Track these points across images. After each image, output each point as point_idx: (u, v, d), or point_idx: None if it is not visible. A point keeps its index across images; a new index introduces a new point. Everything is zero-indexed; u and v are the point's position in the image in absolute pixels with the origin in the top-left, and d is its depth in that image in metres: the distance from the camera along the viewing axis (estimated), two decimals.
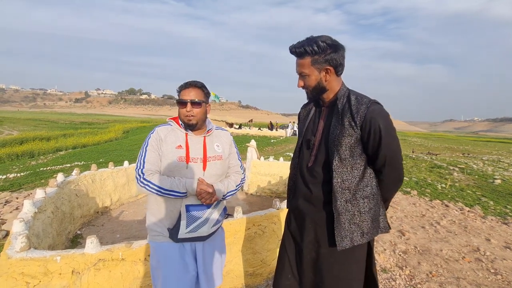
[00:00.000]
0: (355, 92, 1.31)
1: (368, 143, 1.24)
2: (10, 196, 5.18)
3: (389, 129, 1.22)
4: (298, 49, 1.25)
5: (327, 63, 1.24)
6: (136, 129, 29.66)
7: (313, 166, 1.34)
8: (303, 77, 1.29)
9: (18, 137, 19.35)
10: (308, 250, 1.36)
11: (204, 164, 1.44)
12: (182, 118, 1.43)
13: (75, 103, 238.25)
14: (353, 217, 1.25)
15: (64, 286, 1.73)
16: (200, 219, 1.40)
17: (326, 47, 1.22)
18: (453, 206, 4.85)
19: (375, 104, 1.23)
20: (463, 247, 3.26)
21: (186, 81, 1.47)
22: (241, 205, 4.82)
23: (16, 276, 1.70)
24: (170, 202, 1.40)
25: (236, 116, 47.08)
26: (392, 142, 1.23)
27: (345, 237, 1.24)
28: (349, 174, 1.25)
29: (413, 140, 29.83)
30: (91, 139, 18.91)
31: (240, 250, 2.34)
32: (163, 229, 1.42)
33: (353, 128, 1.22)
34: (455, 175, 7.63)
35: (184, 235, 1.38)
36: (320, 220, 1.32)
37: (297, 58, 1.28)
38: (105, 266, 1.82)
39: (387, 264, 2.84)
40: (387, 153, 1.23)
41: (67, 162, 10.32)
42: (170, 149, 1.41)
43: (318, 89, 1.30)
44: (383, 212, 1.35)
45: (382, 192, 1.33)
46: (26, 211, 2.37)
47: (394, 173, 1.29)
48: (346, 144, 1.23)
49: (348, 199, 1.25)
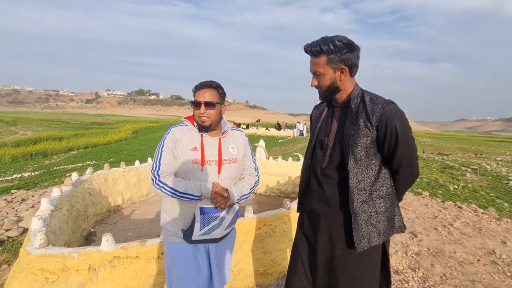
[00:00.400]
0: (369, 92, 1.29)
1: (384, 143, 1.22)
2: (26, 194, 5.33)
3: (406, 129, 1.21)
4: (314, 47, 1.23)
5: (343, 62, 1.24)
6: (145, 129, 30.09)
7: (328, 167, 1.33)
8: (317, 76, 1.28)
9: (32, 137, 19.90)
10: (322, 251, 1.35)
11: (219, 167, 1.42)
12: (196, 119, 1.42)
13: (86, 104, 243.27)
14: (370, 218, 1.24)
15: (81, 282, 1.77)
16: (214, 221, 1.40)
17: (342, 46, 1.21)
18: (466, 208, 4.74)
19: (391, 104, 1.22)
20: (478, 250, 3.18)
21: (202, 81, 1.44)
22: (250, 204, 4.84)
23: (36, 271, 1.75)
24: (184, 204, 1.40)
25: (243, 116, 47.16)
26: (409, 142, 1.22)
27: (363, 238, 1.24)
28: (365, 175, 1.25)
29: (424, 140, 29.26)
30: (101, 139, 19.29)
31: (251, 250, 2.35)
32: (177, 229, 1.42)
33: (369, 128, 1.21)
34: (468, 176, 7.45)
35: (197, 237, 1.38)
36: (335, 221, 1.32)
37: (312, 57, 1.27)
38: (120, 264, 1.86)
39: (399, 266, 2.80)
40: (404, 153, 1.22)
41: (79, 161, 10.56)
42: (185, 151, 1.40)
43: (332, 88, 1.29)
44: (398, 212, 1.34)
45: (396, 189, 1.33)
46: (44, 209, 2.44)
47: (410, 172, 1.28)
48: (362, 144, 1.22)
49: (364, 199, 1.24)
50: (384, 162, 1.30)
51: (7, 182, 7.45)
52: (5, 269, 2.65)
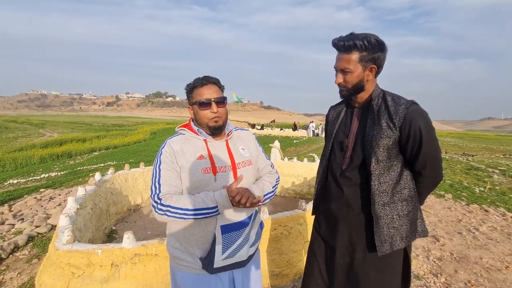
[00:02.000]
0: (390, 92, 1.26)
1: (407, 144, 1.19)
2: (53, 193, 5.65)
3: (430, 130, 1.18)
4: (347, 42, 1.17)
5: (373, 61, 1.20)
6: (162, 130, 30.93)
7: (348, 169, 1.30)
8: (345, 73, 1.22)
9: (58, 139, 21.02)
10: (341, 254, 1.32)
11: (234, 172, 1.20)
12: (206, 121, 1.19)
13: (107, 107, 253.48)
14: (392, 221, 1.21)
15: (105, 278, 1.86)
16: (239, 240, 1.18)
17: (376, 44, 1.17)
18: (493, 211, 4.49)
19: (414, 104, 1.19)
20: (506, 256, 3.01)
21: (199, 77, 1.21)
22: (266, 205, 4.84)
23: (63, 266, 1.86)
24: (200, 226, 1.15)
25: (258, 117, 47.25)
26: (433, 143, 1.19)
27: (385, 242, 1.21)
28: (387, 177, 1.21)
29: (447, 140, 28.00)
30: (121, 140, 20.04)
31: (266, 250, 2.36)
32: (194, 259, 1.17)
33: (391, 129, 1.18)
34: (495, 177, 7.04)
35: (221, 263, 1.15)
36: (355, 224, 1.29)
37: (342, 53, 1.21)
38: (140, 261, 1.93)
39: (420, 271, 2.70)
40: (428, 154, 1.19)
41: (101, 162, 11.03)
42: (190, 161, 1.16)
43: (357, 87, 1.24)
44: (420, 216, 1.30)
45: (419, 191, 1.29)
46: (70, 207, 2.58)
47: (434, 173, 1.25)
48: (384, 145, 1.19)
49: (386, 202, 1.21)
50: (406, 164, 1.26)
51: (36, 181, 7.92)
52: (35, 263, 2.82)
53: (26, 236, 3.31)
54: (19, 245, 3.15)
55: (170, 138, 1.22)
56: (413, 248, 3.16)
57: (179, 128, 1.28)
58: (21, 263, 2.85)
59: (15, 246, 3.10)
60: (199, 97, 1.18)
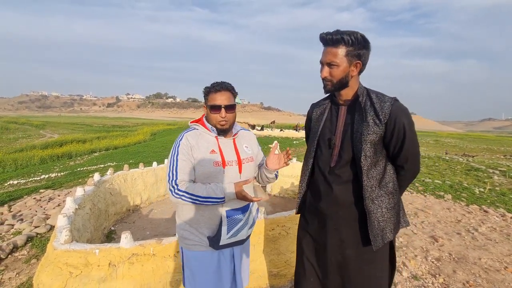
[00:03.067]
0: (373, 90, 1.30)
1: (391, 140, 1.24)
2: (53, 194, 5.66)
3: (412, 126, 1.24)
4: (335, 36, 1.20)
5: (358, 57, 1.23)
6: (162, 131, 30.98)
7: (337, 166, 1.32)
8: (331, 67, 1.24)
9: (58, 140, 21.07)
10: (333, 252, 1.34)
11: (239, 167, 1.41)
12: (215, 123, 1.37)
13: (107, 108, 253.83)
14: (382, 215, 1.25)
15: (102, 277, 1.86)
16: (241, 222, 1.39)
17: (362, 41, 1.20)
18: (493, 212, 4.48)
19: (397, 101, 1.25)
20: (505, 256, 3.00)
21: (215, 83, 1.38)
22: (264, 206, 4.84)
23: (61, 266, 1.86)
24: (209, 210, 1.35)
25: (258, 118, 47.31)
26: (414, 138, 1.26)
27: (377, 235, 1.25)
28: (374, 172, 1.26)
29: (447, 140, 27.96)
30: (122, 141, 20.07)
31: (264, 251, 2.36)
32: (201, 238, 1.36)
33: (378, 125, 1.22)
34: (496, 178, 7.04)
35: (225, 241, 1.36)
36: (346, 220, 1.31)
37: (329, 47, 1.23)
38: (138, 261, 1.93)
39: (419, 271, 2.70)
40: (410, 149, 1.25)
41: (101, 162, 11.05)
42: (203, 154, 1.35)
43: (342, 82, 1.26)
44: (402, 207, 1.37)
45: (400, 184, 1.35)
46: (68, 207, 2.58)
47: (414, 167, 1.31)
48: (371, 141, 1.23)
49: (375, 196, 1.25)
50: (388, 158, 1.31)
51: (36, 182, 7.93)
52: (34, 263, 2.83)
53: (25, 237, 3.32)
54: (18, 245, 3.15)
55: (187, 132, 1.40)
56: (411, 248, 3.15)
57: (192, 123, 1.45)
58: (19, 263, 2.85)
59: (14, 246, 3.11)
60: (212, 101, 1.36)
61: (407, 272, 2.65)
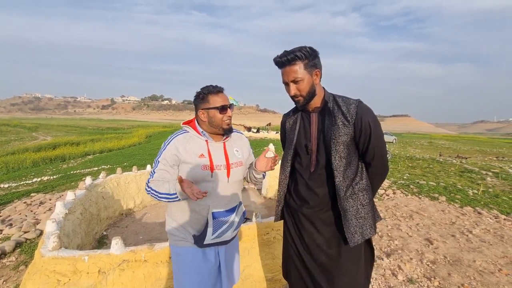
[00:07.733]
0: (338, 95, 1.39)
1: (360, 138, 1.32)
2: (44, 198, 5.54)
3: (377, 124, 1.33)
4: (289, 55, 1.28)
5: (315, 66, 1.32)
6: (158, 133, 30.74)
7: (316, 170, 1.39)
8: (297, 83, 1.31)
9: (51, 142, 20.72)
10: (317, 253, 1.40)
11: (228, 170, 1.43)
12: (221, 124, 1.40)
13: (102, 110, 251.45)
14: (358, 212, 1.31)
15: (91, 285, 1.81)
16: (226, 224, 1.42)
17: (311, 51, 1.29)
18: (486, 214, 4.51)
19: (361, 102, 1.34)
20: (499, 259, 3.01)
21: (212, 86, 1.41)
22: (259, 209, 4.81)
23: (49, 273, 1.80)
24: (196, 211, 1.40)
25: (254, 120, 47.29)
26: (380, 136, 1.34)
27: (355, 232, 1.30)
28: (348, 171, 1.33)
29: (440, 142, 28.29)
30: (116, 143, 19.82)
31: (259, 255, 2.33)
32: (186, 234, 1.42)
33: (347, 126, 1.31)
34: (489, 180, 7.12)
35: (210, 241, 1.40)
36: (327, 221, 1.38)
37: (287, 66, 1.30)
38: (128, 267, 1.88)
39: (414, 274, 2.69)
40: (376, 147, 1.33)
41: (95, 165, 10.88)
42: (192, 158, 1.37)
43: (311, 93, 1.34)
44: (373, 202, 1.45)
45: (370, 183, 1.41)
46: (58, 212, 2.52)
47: (381, 164, 1.38)
48: (343, 142, 1.31)
49: (349, 194, 1.31)
50: (360, 157, 1.39)
51: (27, 185, 7.77)
52: (22, 270, 2.74)
53: (14, 242, 3.23)
54: (6, 251, 3.06)
55: (176, 136, 1.41)
56: (407, 251, 3.15)
57: (184, 124, 1.47)
58: (7, 270, 2.77)
59: (2, 252, 3.02)
60: (217, 103, 1.38)
61: (402, 276, 2.63)
